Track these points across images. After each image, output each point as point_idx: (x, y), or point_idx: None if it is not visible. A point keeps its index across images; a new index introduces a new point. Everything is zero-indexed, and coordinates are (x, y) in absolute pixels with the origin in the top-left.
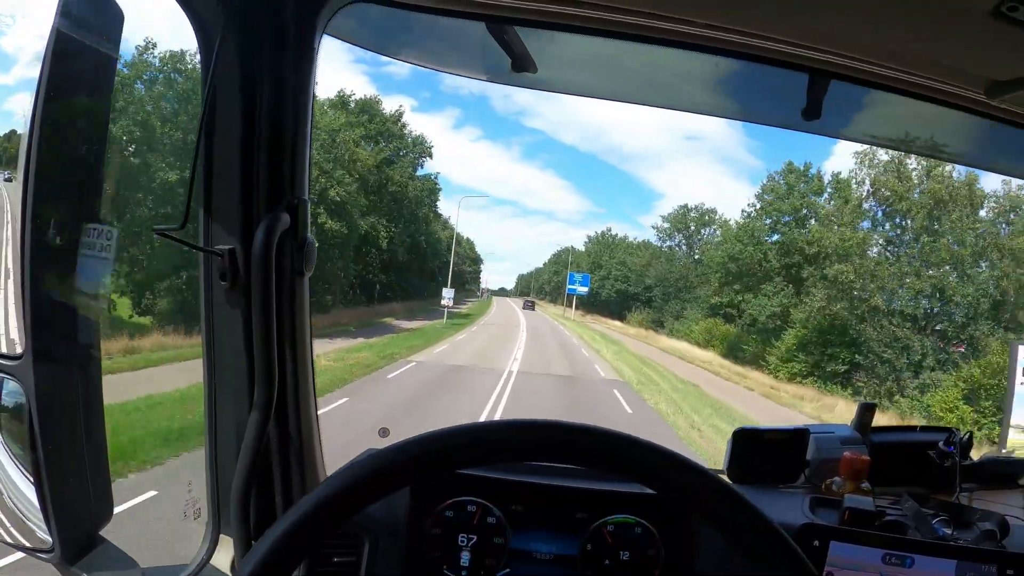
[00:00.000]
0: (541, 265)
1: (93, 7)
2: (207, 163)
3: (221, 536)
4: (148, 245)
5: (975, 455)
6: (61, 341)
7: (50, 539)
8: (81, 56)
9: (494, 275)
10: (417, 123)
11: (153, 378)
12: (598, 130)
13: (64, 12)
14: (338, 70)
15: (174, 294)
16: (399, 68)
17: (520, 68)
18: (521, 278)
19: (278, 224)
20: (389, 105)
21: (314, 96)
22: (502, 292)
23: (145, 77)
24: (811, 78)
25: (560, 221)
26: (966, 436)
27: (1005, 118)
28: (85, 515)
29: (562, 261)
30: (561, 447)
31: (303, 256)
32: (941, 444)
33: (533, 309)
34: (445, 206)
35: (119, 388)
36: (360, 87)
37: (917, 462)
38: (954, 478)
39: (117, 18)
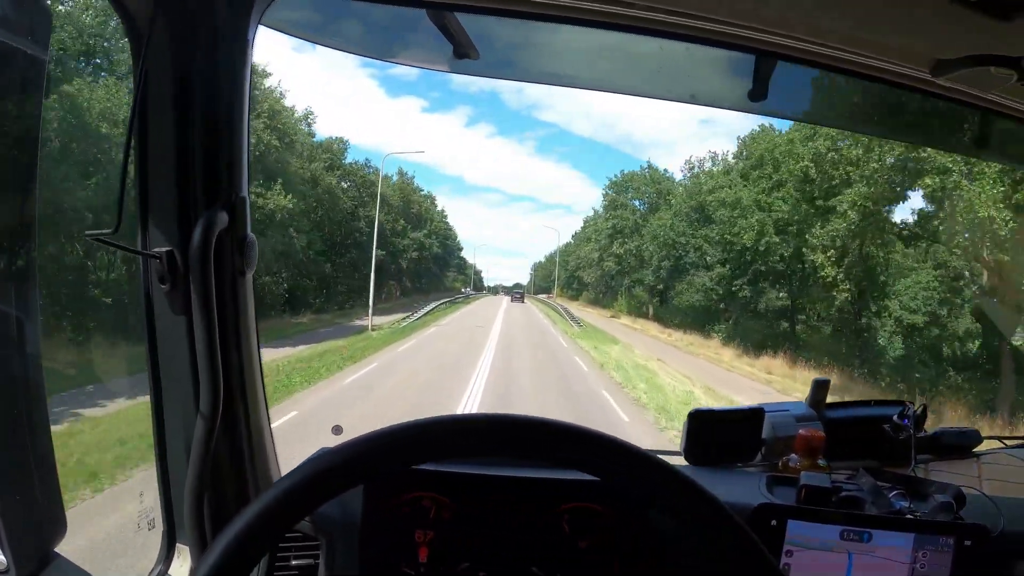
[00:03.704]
0: (570, 239)
1: (19, 6)
2: (140, 162)
3: (177, 545)
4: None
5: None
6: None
7: (4, 560)
8: (9, 57)
9: (510, 271)
10: (428, 124)
11: None
12: (612, 120)
13: None
14: (344, 75)
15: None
16: (407, 71)
17: (462, 55)
18: (537, 267)
19: (216, 222)
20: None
21: (251, 89)
22: (516, 288)
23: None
24: (758, 59)
25: (579, 214)
26: (920, 409)
27: (950, 96)
28: (38, 532)
29: (620, 212)
30: (511, 442)
31: (244, 255)
32: (895, 417)
33: (522, 301)
34: (457, 206)
35: None
36: (367, 91)
37: (872, 436)
38: (909, 450)
39: (45, 17)
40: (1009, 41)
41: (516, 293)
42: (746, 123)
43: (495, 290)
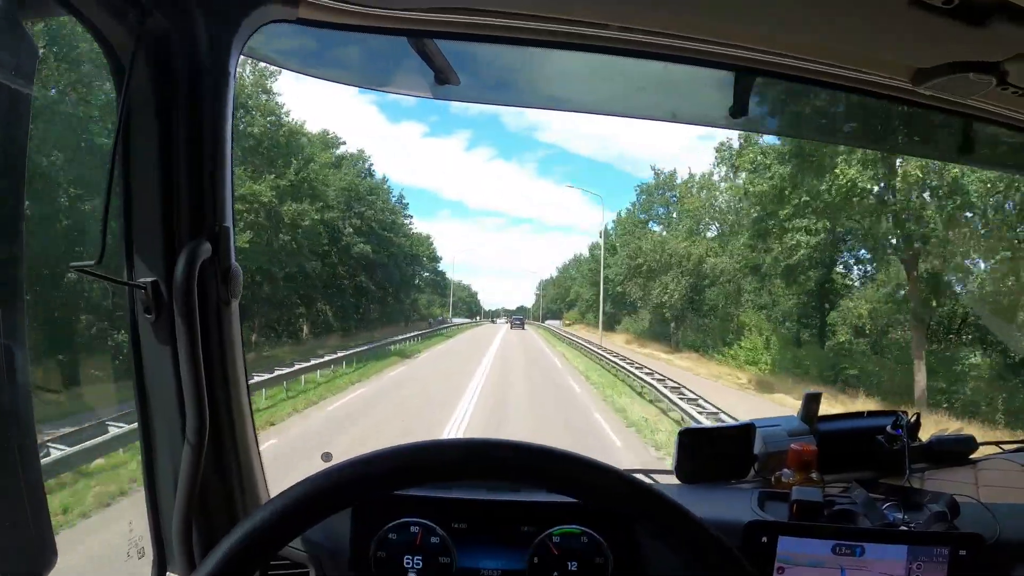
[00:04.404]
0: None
1: (6, 43)
2: (124, 193)
3: (168, 573)
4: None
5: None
6: None
7: None
8: None
9: (513, 294)
10: (429, 149)
11: None
12: (612, 138)
13: None
14: (342, 102)
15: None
16: (405, 97)
17: (443, 81)
18: (546, 285)
19: (199, 253)
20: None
21: (232, 119)
22: (517, 314)
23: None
24: (737, 76)
25: (582, 233)
26: (913, 418)
27: (931, 104)
28: (28, 560)
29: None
30: (490, 465)
31: (228, 284)
32: (888, 428)
33: (522, 327)
34: (459, 230)
35: None
36: (369, 117)
37: (866, 448)
38: (903, 461)
39: (31, 54)
40: (986, 47)
41: (516, 319)
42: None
43: (495, 314)
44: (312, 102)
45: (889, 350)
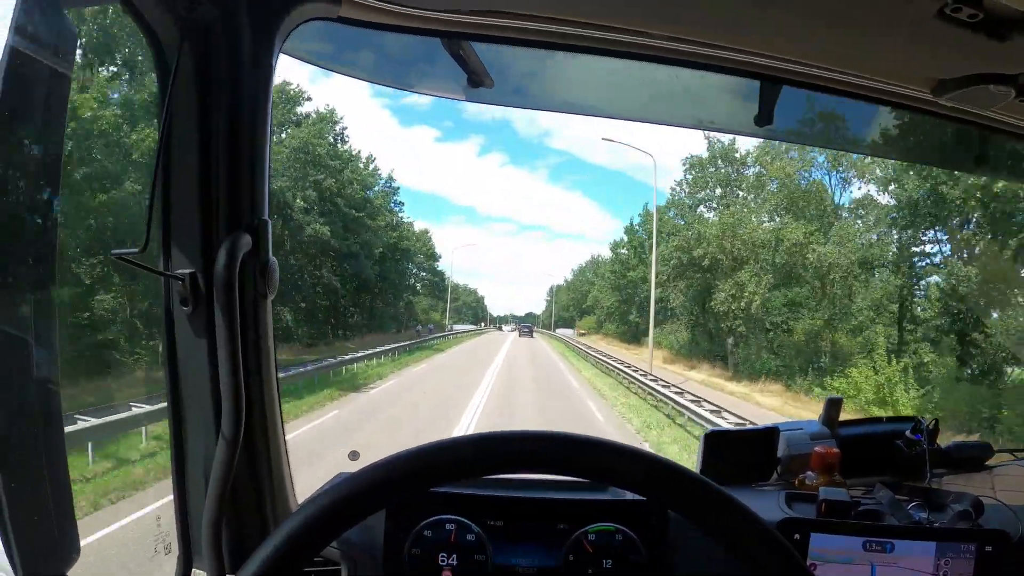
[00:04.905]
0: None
1: (47, 25)
2: (165, 185)
3: (194, 570)
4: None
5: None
6: (17, 377)
7: None
8: (35, 75)
9: (522, 301)
10: (441, 154)
11: None
12: (624, 148)
13: (18, 29)
14: (358, 106)
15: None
16: (420, 102)
17: (476, 84)
18: (558, 291)
19: (240, 245)
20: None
21: (271, 115)
22: (525, 321)
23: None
24: (763, 85)
25: (590, 240)
26: (932, 423)
27: (952, 115)
28: (51, 556)
29: None
30: (535, 458)
31: (266, 278)
32: (908, 432)
33: (531, 335)
34: (470, 236)
35: None
36: (382, 121)
37: (886, 452)
38: (923, 464)
39: (71, 36)
40: (1006, 60)
41: (524, 327)
42: (756, 143)
43: (503, 321)
44: (326, 102)
45: None
